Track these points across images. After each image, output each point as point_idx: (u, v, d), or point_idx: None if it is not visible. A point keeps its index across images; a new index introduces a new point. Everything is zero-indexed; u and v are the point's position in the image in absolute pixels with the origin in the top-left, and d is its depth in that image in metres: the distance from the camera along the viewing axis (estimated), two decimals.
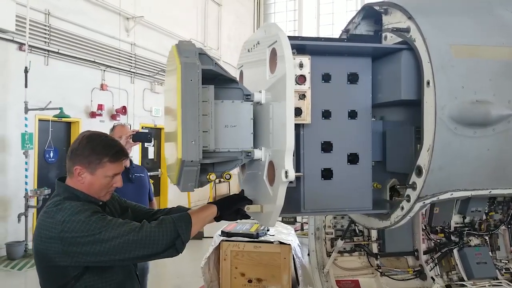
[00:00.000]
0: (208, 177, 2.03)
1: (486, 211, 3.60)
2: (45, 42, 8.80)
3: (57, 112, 8.42)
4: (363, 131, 2.38)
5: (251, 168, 2.34)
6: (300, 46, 2.21)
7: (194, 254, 8.14)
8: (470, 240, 3.74)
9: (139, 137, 3.96)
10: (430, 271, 3.62)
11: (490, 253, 3.66)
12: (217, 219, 2.21)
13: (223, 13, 16.60)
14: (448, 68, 2.07)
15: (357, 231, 3.72)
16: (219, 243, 5.05)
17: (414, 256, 3.73)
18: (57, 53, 9.04)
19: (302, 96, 2.14)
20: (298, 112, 2.12)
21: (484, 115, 2.09)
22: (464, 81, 2.08)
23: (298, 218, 9.54)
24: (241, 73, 2.63)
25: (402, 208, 2.30)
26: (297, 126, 2.27)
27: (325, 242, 3.67)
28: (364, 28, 2.72)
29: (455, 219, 3.76)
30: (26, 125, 8.04)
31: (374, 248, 3.69)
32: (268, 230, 5.31)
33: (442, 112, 2.05)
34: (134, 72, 11.41)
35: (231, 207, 2.20)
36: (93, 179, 1.99)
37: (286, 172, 1.78)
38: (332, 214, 3.55)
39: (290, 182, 2.27)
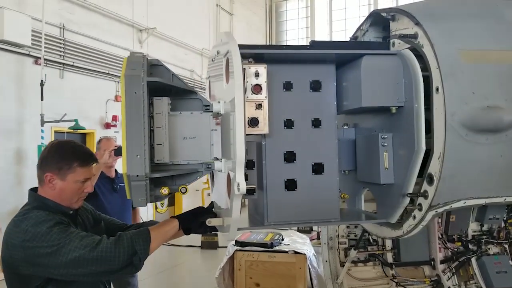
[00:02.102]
0: (160, 191, 1.97)
1: (505, 219, 3.50)
2: (60, 55, 8.95)
3: (72, 124, 8.56)
4: (328, 140, 2.32)
5: (217, 180, 2.31)
6: (258, 54, 2.17)
7: (209, 264, 8.14)
8: (489, 249, 3.65)
9: (120, 152, 4.09)
10: (447, 281, 3.55)
11: (510, 261, 3.56)
12: (186, 232, 2.18)
13: (234, 22, 16.72)
14: (457, 74, 2.03)
15: (371, 241, 3.67)
16: (233, 253, 5.02)
17: (430, 265, 3.66)
18: (72, 66, 9.20)
19: (259, 106, 2.09)
20: (254, 122, 2.07)
21: (496, 121, 2.04)
22: (474, 87, 2.03)
23: (314, 227, 9.42)
24: (209, 83, 2.61)
25: (414, 217, 2.25)
26: (259, 137, 2.25)
27: (339, 252, 3.62)
28: (373, 35, 2.69)
29: (473, 227, 3.69)
30: (42, 137, 8.17)
31: (389, 257, 3.63)
32: (283, 239, 5.25)
33: (452, 119, 2.00)
34: None
35: (193, 220, 2.16)
36: (64, 185, 1.99)
37: (238, 185, 1.74)
38: (297, 226, 3.50)
39: (251, 194, 2.26)
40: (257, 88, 2.10)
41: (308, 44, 2.36)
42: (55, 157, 2.01)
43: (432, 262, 3.61)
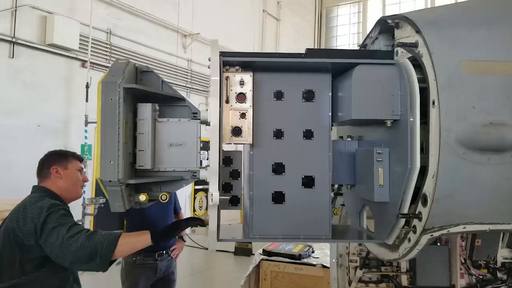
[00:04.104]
0: (139, 197, 2.02)
1: None
2: (106, 59, 9.33)
3: None
4: (320, 152, 2.20)
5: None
6: (245, 63, 2.11)
7: (240, 270, 8.08)
8: None
9: None
10: None
11: None
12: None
13: (281, 28, 16.65)
14: (456, 86, 1.84)
15: (385, 261, 3.44)
16: (259, 262, 4.95)
17: None
18: None
19: (243, 115, 2.05)
20: (237, 132, 2.05)
21: (499, 139, 1.83)
22: (475, 101, 1.83)
23: None
24: None
25: (409, 239, 2.08)
26: (247, 146, 2.22)
27: (349, 270, 3.43)
28: (383, 43, 2.53)
29: (503, 253, 3.36)
30: (86, 137, 8.53)
31: (404, 280, 3.39)
32: (313, 252, 5.09)
33: (447, 135, 1.82)
34: (190, 87, 11.75)
35: (166, 236, 2.26)
36: (68, 173, 2.48)
37: (211, 195, 1.77)
38: (284, 241, 3.36)
39: (235, 205, 2.29)
40: (241, 97, 2.08)
41: (303, 52, 2.26)
42: (53, 157, 2.54)
43: None
